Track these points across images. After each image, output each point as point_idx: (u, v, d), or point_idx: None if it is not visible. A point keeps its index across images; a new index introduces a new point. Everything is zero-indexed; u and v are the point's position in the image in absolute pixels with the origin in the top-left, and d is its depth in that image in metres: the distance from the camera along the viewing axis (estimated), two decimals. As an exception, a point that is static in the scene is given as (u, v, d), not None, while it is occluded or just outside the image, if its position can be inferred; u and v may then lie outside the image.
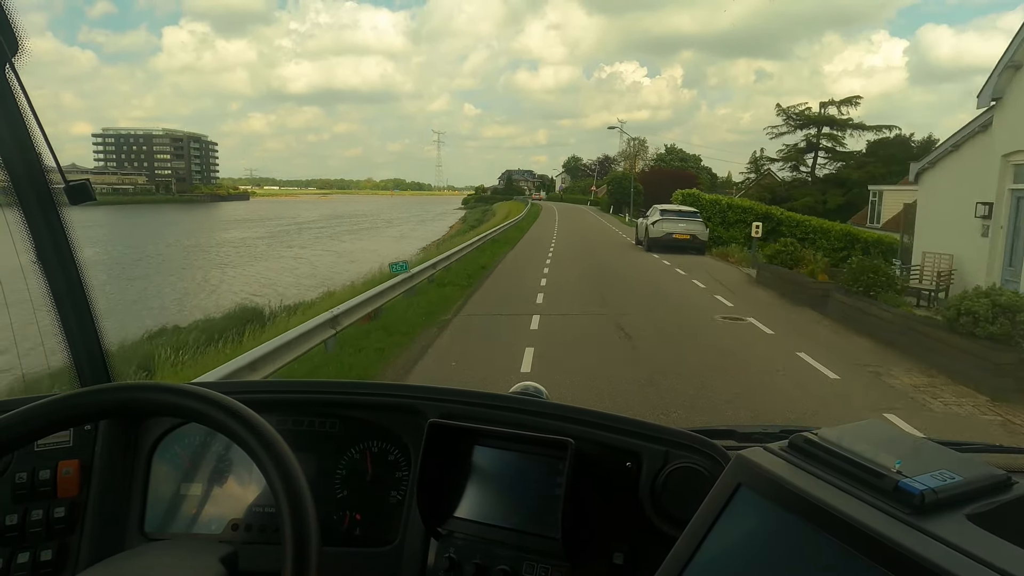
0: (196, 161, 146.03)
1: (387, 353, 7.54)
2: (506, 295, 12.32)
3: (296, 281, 23.32)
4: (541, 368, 6.85)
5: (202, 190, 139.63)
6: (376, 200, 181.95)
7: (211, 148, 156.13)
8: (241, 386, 1.35)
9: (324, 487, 1.13)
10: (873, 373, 7.27)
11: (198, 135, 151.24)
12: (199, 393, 0.77)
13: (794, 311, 11.25)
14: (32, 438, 0.77)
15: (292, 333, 6.11)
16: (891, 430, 0.76)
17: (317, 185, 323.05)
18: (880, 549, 0.55)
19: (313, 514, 0.70)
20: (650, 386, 6.36)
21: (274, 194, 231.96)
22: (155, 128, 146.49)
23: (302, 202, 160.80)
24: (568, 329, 9.08)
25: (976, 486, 0.62)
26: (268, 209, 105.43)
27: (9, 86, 0.93)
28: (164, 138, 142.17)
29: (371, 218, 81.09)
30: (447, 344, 8.15)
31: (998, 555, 0.52)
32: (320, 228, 59.25)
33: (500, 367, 6.91)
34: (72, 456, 1.09)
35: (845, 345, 8.74)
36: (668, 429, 1.05)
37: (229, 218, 78.20)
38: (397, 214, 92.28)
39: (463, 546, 1.03)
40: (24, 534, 1.03)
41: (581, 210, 65.62)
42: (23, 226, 1.03)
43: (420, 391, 1.16)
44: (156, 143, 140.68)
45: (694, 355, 7.81)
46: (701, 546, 0.69)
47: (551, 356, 7.40)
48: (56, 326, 1.12)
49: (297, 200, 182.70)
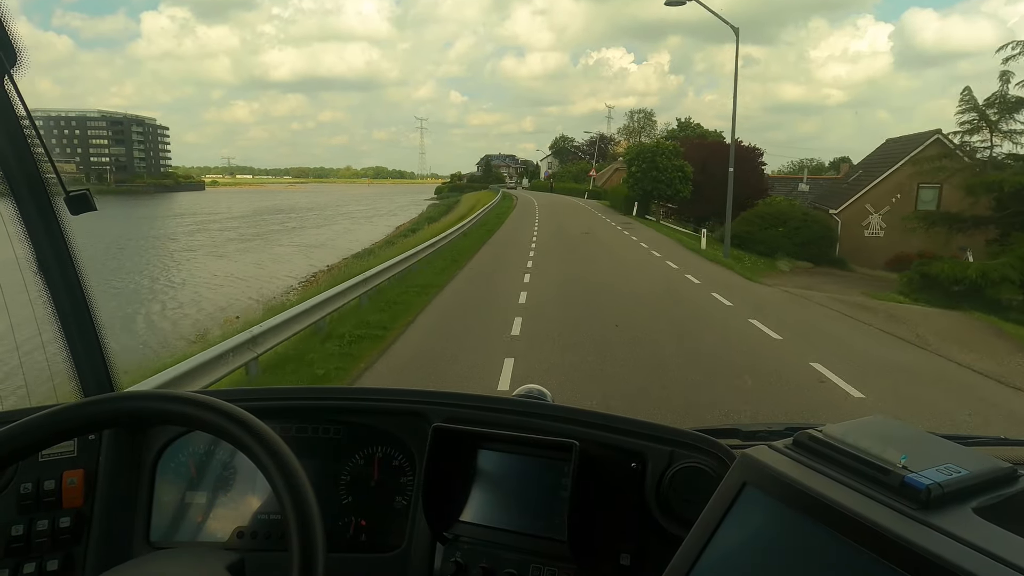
0: (139, 146, 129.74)
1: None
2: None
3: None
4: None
5: (144, 180, 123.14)
6: (349, 189, 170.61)
7: (161, 132, 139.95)
8: (245, 393, 1.37)
9: (329, 493, 1.13)
10: None
11: (143, 117, 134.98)
12: (203, 401, 0.77)
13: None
14: (36, 449, 0.76)
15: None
16: (896, 425, 0.74)
17: (294, 174, 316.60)
18: (887, 545, 0.55)
19: (319, 521, 0.70)
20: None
21: (238, 183, 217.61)
22: (90, 110, 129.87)
23: (264, 192, 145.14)
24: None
25: (982, 479, 0.62)
26: (212, 201, 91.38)
27: (8, 97, 0.92)
28: (100, 121, 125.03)
29: (316, 212, 67.93)
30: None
31: (1006, 548, 0.53)
32: (222, 230, 44.31)
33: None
34: (77, 466, 1.09)
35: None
36: (673, 429, 1.04)
37: (151, 214, 64.54)
38: (354, 206, 79.01)
39: (469, 550, 1.03)
40: (30, 545, 1.03)
41: (576, 207, 41.15)
42: (24, 237, 1.02)
43: (424, 396, 1.16)
44: (91, 127, 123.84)
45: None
46: (708, 545, 0.69)
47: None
48: (58, 336, 1.11)
49: (260, 190, 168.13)
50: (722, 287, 12.13)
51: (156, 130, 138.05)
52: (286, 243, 35.50)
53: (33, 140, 0.97)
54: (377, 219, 54.43)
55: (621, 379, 6.21)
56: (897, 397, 5.97)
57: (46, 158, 0.99)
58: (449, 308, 10.00)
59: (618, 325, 8.39)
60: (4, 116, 0.93)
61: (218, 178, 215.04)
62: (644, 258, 16.87)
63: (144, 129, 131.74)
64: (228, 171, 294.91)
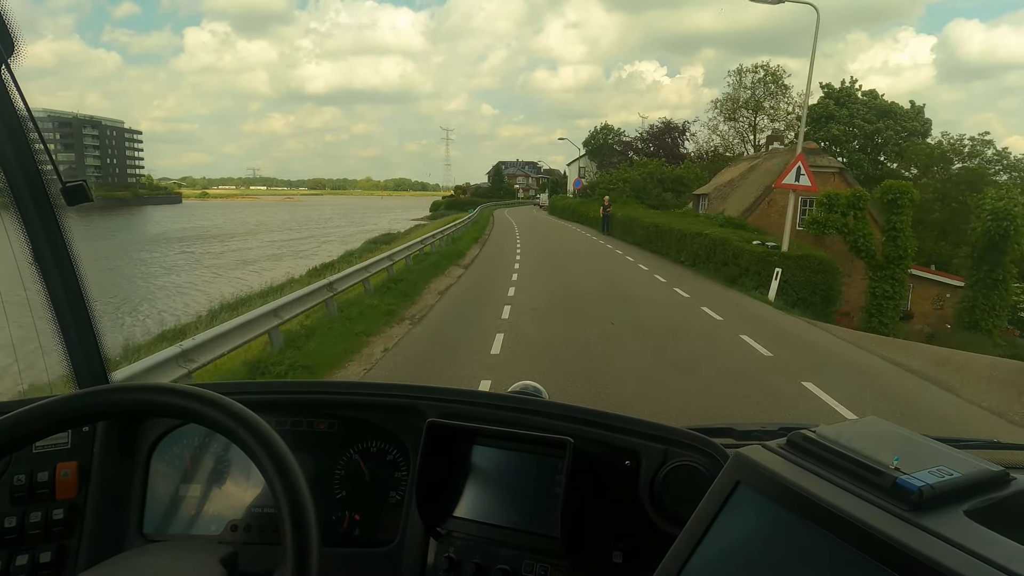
0: (94, 152, 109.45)
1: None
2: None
3: None
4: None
5: (95, 192, 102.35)
6: (358, 202, 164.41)
7: (128, 137, 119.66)
8: (239, 387, 1.33)
9: (323, 487, 1.12)
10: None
11: (100, 119, 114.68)
12: (197, 394, 0.76)
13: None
14: (30, 440, 0.76)
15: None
16: (889, 427, 0.75)
17: (310, 185, 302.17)
18: (878, 546, 0.55)
19: (313, 514, 0.70)
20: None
21: (231, 195, 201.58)
22: (37, 109, 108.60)
23: (245, 206, 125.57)
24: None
25: (974, 482, 0.62)
26: (144, 222, 71.93)
27: (5, 87, 0.91)
28: (46, 122, 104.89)
29: (244, 239, 47.38)
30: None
31: (996, 551, 0.53)
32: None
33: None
34: (70, 458, 1.08)
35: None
36: (667, 427, 1.04)
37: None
38: (323, 228, 59.59)
39: (462, 546, 1.02)
40: (23, 536, 1.02)
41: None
42: (20, 228, 1.01)
43: (418, 391, 1.15)
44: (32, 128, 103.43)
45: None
46: (700, 544, 0.69)
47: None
48: (53, 327, 1.10)
49: (254, 202, 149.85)
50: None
51: (122, 135, 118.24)
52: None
53: (30, 131, 0.96)
54: (286, 258, 32.34)
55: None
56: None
57: (43, 149, 0.98)
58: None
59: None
60: (1, 107, 0.92)
61: (209, 192, 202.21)
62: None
63: (101, 133, 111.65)
64: (245, 183, 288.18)
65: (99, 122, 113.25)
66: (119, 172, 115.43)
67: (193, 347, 5.14)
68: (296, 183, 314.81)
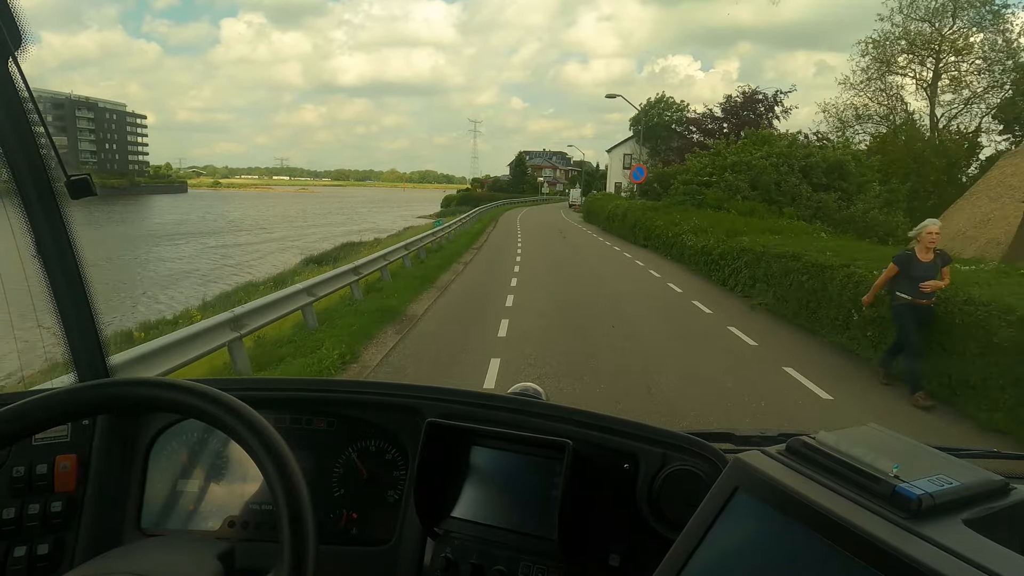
0: (89, 137, 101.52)
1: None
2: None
3: None
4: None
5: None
6: (378, 194, 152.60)
7: (131, 122, 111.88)
8: (239, 383, 1.33)
9: (321, 485, 1.12)
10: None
11: (97, 100, 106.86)
12: (197, 389, 0.76)
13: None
14: (30, 432, 0.76)
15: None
16: (889, 435, 0.74)
17: (333, 176, 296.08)
18: (877, 553, 0.55)
19: (310, 512, 0.70)
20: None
21: (242, 184, 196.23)
22: (44, 90, 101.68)
23: (254, 196, 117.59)
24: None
25: (973, 491, 0.62)
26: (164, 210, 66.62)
27: (11, 79, 0.91)
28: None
29: (218, 239, 38.36)
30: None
31: (995, 560, 0.53)
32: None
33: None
34: (70, 451, 1.08)
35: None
36: (666, 432, 1.03)
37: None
38: (306, 228, 48.14)
39: (460, 546, 1.02)
40: (21, 528, 1.02)
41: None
42: (23, 220, 1.01)
43: (418, 391, 1.15)
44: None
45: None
46: (697, 549, 0.68)
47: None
48: (55, 320, 1.09)
49: (266, 193, 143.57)
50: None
51: (123, 118, 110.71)
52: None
53: (35, 123, 0.95)
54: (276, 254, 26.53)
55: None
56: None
57: (48, 141, 0.97)
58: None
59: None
60: (6, 98, 0.91)
61: (238, 180, 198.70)
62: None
63: (97, 116, 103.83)
64: (271, 172, 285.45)
65: (95, 104, 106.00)
66: (118, 159, 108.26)
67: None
68: (322, 174, 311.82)
